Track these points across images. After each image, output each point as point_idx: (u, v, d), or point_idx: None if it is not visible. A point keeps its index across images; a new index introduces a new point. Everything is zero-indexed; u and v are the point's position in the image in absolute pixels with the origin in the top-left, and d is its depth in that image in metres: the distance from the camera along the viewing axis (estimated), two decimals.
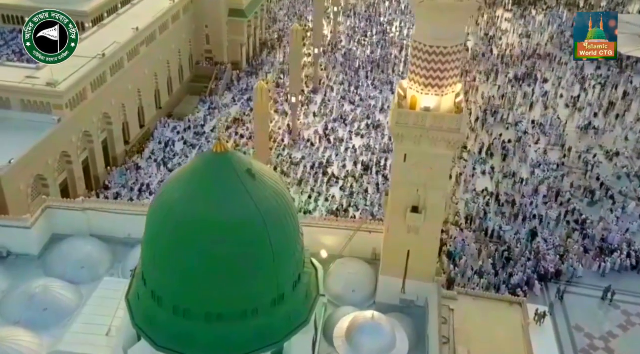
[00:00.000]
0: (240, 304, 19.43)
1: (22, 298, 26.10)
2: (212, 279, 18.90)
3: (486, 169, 52.02)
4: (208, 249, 18.58)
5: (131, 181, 46.12)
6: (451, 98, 22.48)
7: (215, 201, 18.65)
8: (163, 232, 19.00)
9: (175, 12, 54.99)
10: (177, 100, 57.50)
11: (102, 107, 43.35)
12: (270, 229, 19.18)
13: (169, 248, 18.95)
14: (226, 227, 18.56)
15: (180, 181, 19.51)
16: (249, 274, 19.16)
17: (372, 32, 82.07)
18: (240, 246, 18.74)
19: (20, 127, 37.03)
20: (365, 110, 60.65)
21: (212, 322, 19.33)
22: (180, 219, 18.68)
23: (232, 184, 18.86)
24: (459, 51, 21.29)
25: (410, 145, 22.85)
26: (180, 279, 19.12)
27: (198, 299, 19.18)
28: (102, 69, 42.48)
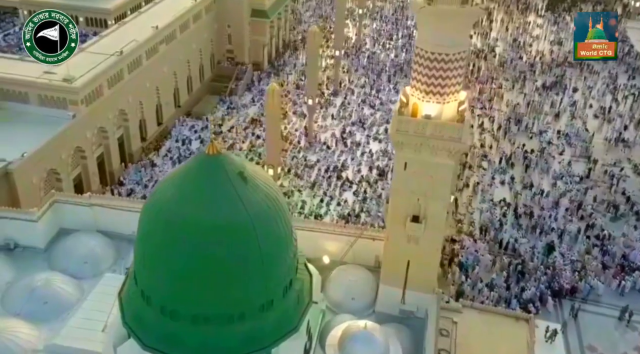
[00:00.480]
0: (227, 307, 19.51)
1: (24, 290, 26.76)
2: (198, 281, 19.01)
3: (505, 179, 51.05)
4: (195, 251, 18.71)
5: (146, 178, 46.86)
6: (453, 106, 22.12)
7: (205, 203, 18.76)
8: (152, 231, 19.22)
9: (197, 12, 55.71)
10: (196, 99, 58.20)
11: (118, 104, 44.19)
12: (259, 232, 19.18)
13: (158, 248, 19.16)
14: (214, 229, 18.64)
15: (173, 181, 19.70)
16: (237, 277, 19.21)
17: (397, 35, 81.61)
18: (228, 249, 18.80)
19: (36, 121, 38.08)
20: (385, 114, 60.25)
21: (198, 324, 19.44)
22: (170, 219, 18.87)
23: (223, 187, 18.94)
24: (461, 59, 20.94)
25: (411, 153, 22.59)
26: (167, 279, 19.30)
27: (185, 301, 19.33)
28: (119, 67, 43.33)
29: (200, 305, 19.29)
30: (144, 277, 20.11)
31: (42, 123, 37.98)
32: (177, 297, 19.32)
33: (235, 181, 19.15)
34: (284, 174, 49.54)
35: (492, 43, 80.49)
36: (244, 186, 19.30)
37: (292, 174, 49.59)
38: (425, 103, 21.97)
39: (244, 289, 19.49)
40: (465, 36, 21.05)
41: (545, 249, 42.54)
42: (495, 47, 79.21)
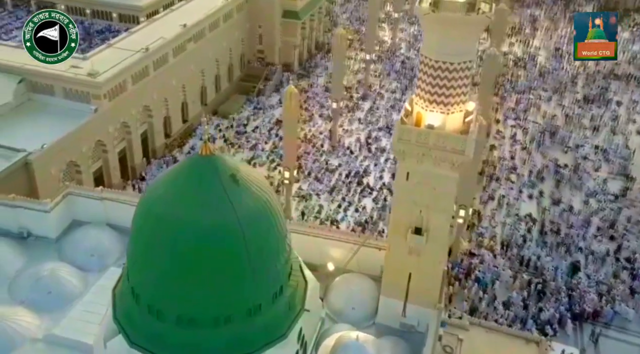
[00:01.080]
0: (212, 310, 19.49)
1: (30, 279, 27.64)
2: (184, 282, 19.12)
3: (534, 193, 49.68)
4: (181, 251, 18.82)
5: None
6: (459, 117, 21.59)
7: (194, 203, 18.86)
8: (142, 229, 19.49)
9: (227, 11, 56.45)
10: (224, 98, 58.97)
11: (142, 100, 45.21)
12: (247, 236, 19.13)
13: (146, 245, 19.41)
14: (201, 230, 18.71)
15: (165, 180, 19.94)
16: (222, 280, 19.21)
17: None
18: (214, 251, 18.84)
19: (60, 113, 39.40)
20: None
21: (183, 326, 19.53)
22: (158, 218, 19.07)
23: (213, 188, 19.00)
24: (467, 68, 20.40)
25: (413, 163, 22.17)
26: (154, 278, 19.51)
27: (170, 301, 19.45)
28: (144, 63, 44.34)
29: (185, 306, 19.38)
30: (134, 274, 20.40)
31: (66, 116, 39.26)
32: (162, 296, 19.48)
33: (227, 183, 19.19)
34: (304, 177, 49.62)
35: (534, 51, 78.47)
36: (235, 188, 19.32)
37: (312, 178, 49.59)
38: (429, 112, 21.51)
39: (230, 293, 19.46)
40: (472, 45, 20.49)
41: (570, 269, 41.14)
42: (537, 56, 77.18)
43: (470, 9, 19.12)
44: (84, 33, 58.92)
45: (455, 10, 18.93)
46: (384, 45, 76.84)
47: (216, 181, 19.10)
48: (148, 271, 19.75)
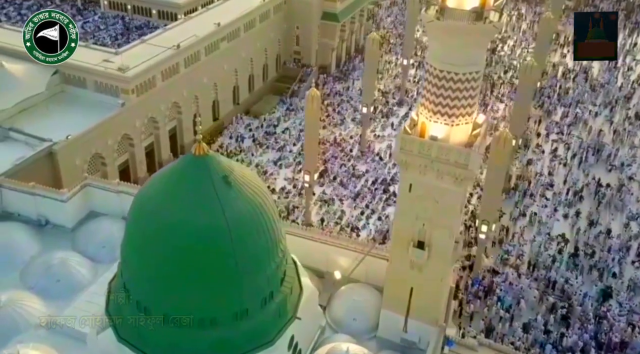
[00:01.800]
0: (197, 311, 19.70)
1: (41, 266, 28.70)
2: (170, 281, 19.43)
3: (570, 213, 47.72)
4: (168, 250, 19.13)
5: None
6: (465, 130, 21.00)
7: (183, 203, 19.15)
8: (133, 225, 19.94)
9: (264, 11, 57.02)
10: (257, 98, 59.60)
11: (172, 96, 46.26)
12: (236, 239, 19.24)
13: (136, 242, 19.84)
14: (188, 230, 18.96)
15: (159, 178, 20.32)
16: (208, 282, 19.39)
17: None
18: (200, 252, 19.04)
19: (90, 106, 40.85)
20: None
21: (168, 324, 19.81)
22: (148, 216, 19.47)
23: (204, 189, 19.22)
24: (473, 79, 19.82)
25: (416, 174, 21.74)
26: (143, 275, 19.93)
27: (157, 299, 19.81)
28: (175, 60, 45.37)
29: (171, 305, 19.66)
30: (125, 270, 20.88)
31: (95, 108, 40.68)
32: (150, 294, 19.87)
33: (218, 184, 19.36)
34: (329, 181, 49.50)
35: (586, 63, 75.39)
36: (227, 190, 19.46)
37: (336, 182, 49.40)
38: (433, 123, 21.04)
39: (216, 295, 19.62)
40: (479, 56, 19.86)
41: (600, 294, 39.28)
42: (590, 68, 74.20)
43: (477, 17, 18.56)
44: (123, 28, 61.04)
45: (461, 19, 18.43)
46: (426, 51, 75.77)
47: (207, 182, 19.30)
48: (138, 268, 20.18)
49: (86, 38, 57.01)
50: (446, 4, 18.88)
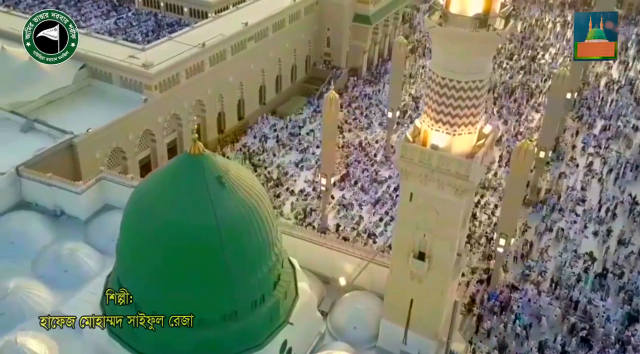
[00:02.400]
0: (185, 310, 19.84)
1: (51, 255, 29.64)
2: (159, 279, 19.77)
3: (600, 230, 45.96)
4: (158, 247, 19.47)
5: None
6: (467, 140, 20.53)
7: (175, 201, 19.48)
8: (126, 221, 20.34)
9: (294, 12, 57.20)
10: (284, 98, 59.84)
11: (196, 94, 46.95)
12: (226, 239, 19.44)
13: (128, 239, 20.27)
14: (178, 229, 19.28)
15: (155, 176, 20.76)
16: (195, 282, 19.63)
17: (519, 55, 76.99)
18: (189, 251, 19.32)
19: (114, 101, 41.90)
20: None
21: (157, 322, 20.02)
22: (141, 212, 19.89)
23: (196, 188, 19.49)
24: (477, 88, 19.35)
25: (417, 183, 21.41)
26: (132, 271, 20.31)
27: (146, 296, 20.13)
28: (200, 58, 46.02)
29: (160, 303, 19.97)
30: (119, 265, 21.30)
31: (119, 103, 41.69)
32: (140, 290, 20.19)
33: (211, 185, 19.59)
34: (350, 185, 49.25)
35: (634, 75, 72.67)
36: (220, 191, 19.67)
37: (357, 187, 49.10)
38: (434, 132, 20.68)
39: (204, 295, 19.86)
40: (482, 64, 19.35)
41: (626, 318, 37.70)
42: (636, 81, 71.46)
43: (481, 24, 18.11)
44: (154, 25, 62.39)
45: (464, 26, 18.01)
46: None
47: (201, 181, 19.57)
48: (130, 263, 20.59)
49: (118, 34, 58.66)
50: (449, 9, 18.52)
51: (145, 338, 20.43)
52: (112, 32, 59.06)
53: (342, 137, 55.92)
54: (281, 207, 45.90)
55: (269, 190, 47.65)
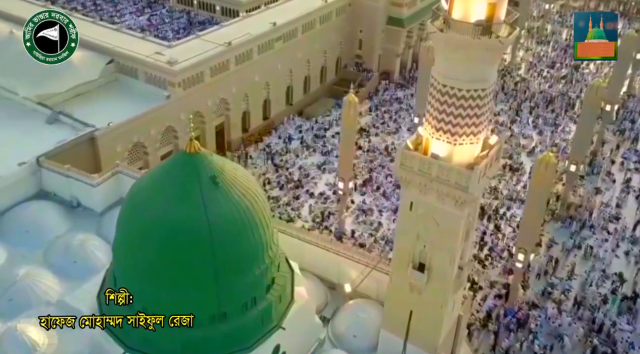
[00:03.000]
0: (172, 309, 19.96)
1: (62, 245, 30.51)
2: (149, 276, 20.02)
3: (633, 250, 44.17)
4: (149, 245, 19.74)
5: None
6: (469, 150, 20.07)
7: (168, 200, 19.72)
8: (121, 215, 20.70)
9: (325, 13, 57.20)
10: (312, 99, 59.95)
11: (220, 92, 47.56)
12: (216, 240, 19.54)
13: (121, 233, 20.62)
14: (169, 227, 19.51)
15: (151, 173, 21.09)
16: (184, 281, 19.80)
17: (562, 64, 74.92)
18: (178, 250, 19.50)
19: (139, 96, 42.92)
20: (511, 149, 55.87)
21: (147, 319, 20.16)
22: (134, 208, 20.26)
23: (189, 187, 19.68)
24: (479, 97, 18.88)
25: (417, 193, 21.07)
26: (126, 267, 20.70)
27: (138, 293, 20.32)
28: (225, 57, 46.57)
29: (149, 300, 20.19)
30: (115, 259, 21.72)
31: (143, 99, 42.69)
32: (132, 286, 20.41)
33: (205, 184, 19.75)
34: (372, 190, 48.91)
35: None
36: (213, 191, 19.81)
37: (379, 193, 48.71)
38: (435, 140, 20.30)
39: (191, 295, 19.98)
40: (485, 72, 18.82)
41: None
42: None
43: (484, 31, 17.67)
44: (186, 23, 63.59)
45: (465, 32, 17.62)
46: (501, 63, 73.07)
47: (194, 181, 19.75)
48: (123, 258, 20.97)
49: (150, 30, 60.05)
50: (451, 15, 18.15)
51: (135, 334, 20.73)
52: (145, 29, 60.52)
53: (368, 141, 55.63)
54: (299, 209, 46.00)
55: (289, 191, 47.89)
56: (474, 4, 17.63)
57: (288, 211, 45.67)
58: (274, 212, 45.11)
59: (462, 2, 17.88)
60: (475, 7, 17.65)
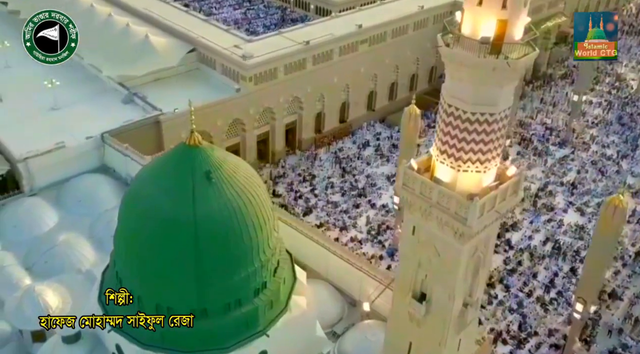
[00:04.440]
0: (156, 298, 20.75)
1: (106, 219, 32.46)
2: (135, 263, 20.96)
3: None
4: (137, 233, 20.66)
5: (301, 167, 50.48)
6: (474, 178, 18.69)
7: (159, 191, 20.45)
8: (122, 205, 21.81)
9: (420, 19, 55.79)
10: (397, 107, 58.69)
11: (294, 90, 48.32)
12: (201, 236, 19.93)
13: (119, 219, 21.70)
14: (156, 217, 20.21)
15: (153, 163, 21.92)
16: (166, 271, 20.41)
17: None
18: (163, 241, 20.14)
19: (212, 86, 45.08)
20: (612, 186, 50.87)
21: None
22: (129, 197, 21.42)
23: (182, 181, 20.19)
24: (485, 122, 17.52)
25: (419, 216, 20.04)
26: (117, 249, 21.88)
27: (125, 278, 21.37)
28: (301, 56, 47.16)
29: (136, 288, 20.88)
30: (117, 256, 22.37)
31: (216, 89, 44.76)
32: (123, 271, 21.45)
33: (198, 179, 20.21)
34: None
35: None
36: (206, 186, 20.23)
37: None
38: (439, 163, 19.14)
39: (174, 286, 20.55)
40: (494, 96, 17.21)
41: None
42: None
43: (492, 50, 16.41)
44: (279, 19, 65.21)
45: (469, 49, 16.49)
46: (623, 86, 67.32)
47: (188, 174, 20.25)
48: (117, 241, 21.98)
49: (242, 24, 62.59)
50: (461, 30, 17.05)
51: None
52: (238, 22, 63.20)
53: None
54: (356, 219, 45.62)
55: (350, 199, 47.61)
56: (482, 20, 16.41)
57: (344, 218, 45.48)
58: (330, 218, 45.21)
59: (472, 16, 16.70)
60: (484, 23, 16.44)
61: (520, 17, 16.57)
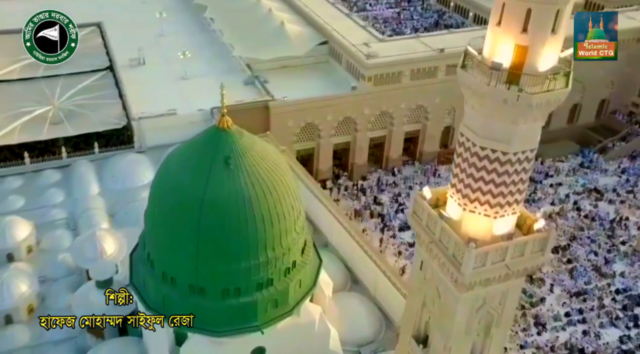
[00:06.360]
0: (165, 267, 22.74)
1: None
2: (152, 234, 23.07)
3: None
4: (155, 207, 22.76)
5: (415, 181, 49.35)
6: (481, 222, 17.18)
7: (180, 170, 22.16)
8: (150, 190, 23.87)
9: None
10: (550, 137, 53.80)
11: (419, 98, 47.04)
12: (204, 217, 21.12)
13: (149, 205, 23.70)
14: (171, 195, 21.97)
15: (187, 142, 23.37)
16: (173, 245, 22.13)
17: None
18: (172, 216, 21.88)
19: (334, 81, 46.17)
20: None
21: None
22: (158, 173, 23.57)
23: (202, 162, 21.55)
24: (497, 161, 15.94)
25: (424, 250, 19.09)
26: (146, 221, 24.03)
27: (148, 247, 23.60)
28: (432, 63, 45.72)
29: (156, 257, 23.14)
30: (149, 239, 24.04)
31: (336, 84, 45.85)
32: (147, 242, 23.69)
33: (217, 162, 21.38)
34: None
35: None
36: (221, 172, 21.33)
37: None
38: (449, 198, 17.93)
39: (178, 258, 22.23)
40: (507, 132, 15.21)
41: None
42: None
43: (509, 79, 14.99)
44: (433, 23, 62.82)
45: (481, 75, 15.26)
46: None
47: (209, 156, 21.58)
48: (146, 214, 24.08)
49: (391, 23, 62.35)
50: (482, 53, 15.74)
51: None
52: (387, 20, 63.04)
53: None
54: None
55: None
56: (500, 43, 14.96)
57: None
58: None
59: (491, 38, 15.35)
60: (501, 47, 15.00)
61: (547, 44, 14.90)
